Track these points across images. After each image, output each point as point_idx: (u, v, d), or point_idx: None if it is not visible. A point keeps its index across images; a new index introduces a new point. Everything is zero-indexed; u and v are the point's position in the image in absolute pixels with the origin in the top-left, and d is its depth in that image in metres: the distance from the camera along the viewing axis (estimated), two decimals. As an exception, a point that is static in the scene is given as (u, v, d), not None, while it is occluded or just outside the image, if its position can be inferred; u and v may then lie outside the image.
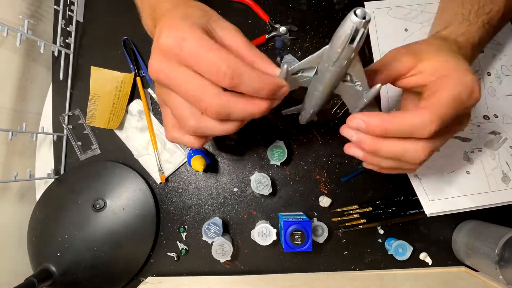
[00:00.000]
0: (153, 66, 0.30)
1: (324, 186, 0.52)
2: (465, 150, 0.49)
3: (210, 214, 0.52)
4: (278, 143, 0.50)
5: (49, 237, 0.49)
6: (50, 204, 0.51)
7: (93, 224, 0.49)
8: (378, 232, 0.52)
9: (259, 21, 0.54)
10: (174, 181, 0.53)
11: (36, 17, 0.56)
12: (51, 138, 0.53)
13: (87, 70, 0.53)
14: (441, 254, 0.52)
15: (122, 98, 0.52)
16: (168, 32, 0.28)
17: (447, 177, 0.48)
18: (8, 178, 0.49)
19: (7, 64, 0.51)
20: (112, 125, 0.52)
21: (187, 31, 0.28)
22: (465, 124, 0.33)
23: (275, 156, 0.50)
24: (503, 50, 0.53)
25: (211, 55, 0.27)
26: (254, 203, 0.52)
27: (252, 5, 0.54)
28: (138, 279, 0.51)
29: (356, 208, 0.51)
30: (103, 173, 0.51)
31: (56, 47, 0.50)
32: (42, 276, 0.45)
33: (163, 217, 0.52)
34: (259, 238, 0.47)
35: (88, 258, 0.48)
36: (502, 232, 0.43)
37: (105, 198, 0.50)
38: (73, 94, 0.54)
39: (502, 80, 0.52)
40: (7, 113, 0.51)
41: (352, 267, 0.52)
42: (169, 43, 0.28)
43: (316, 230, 0.50)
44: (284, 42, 0.54)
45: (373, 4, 0.54)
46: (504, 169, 0.48)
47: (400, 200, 0.52)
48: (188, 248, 0.51)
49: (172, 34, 0.28)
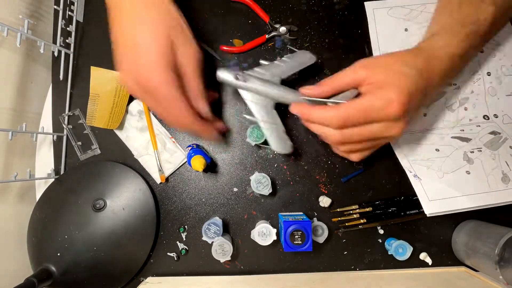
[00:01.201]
0: (124, 84, 0.41)
1: (324, 186, 0.52)
2: (465, 150, 0.49)
3: (210, 214, 0.52)
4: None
5: (49, 237, 0.49)
6: (50, 204, 0.51)
7: (93, 224, 0.49)
8: (378, 232, 0.52)
9: (259, 21, 0.54)
10: (174, 181, 0.53)
11: (36, 17, 0.56)
12: (51, 138, 0.53)
13: (87, 70, 0.53)
14: (441, 254, 0.52)
15: (122, 98, 0.52)
16: (126, 74, 0.38)
17: (446, 177, 0.48)
18: (8, 178, 0.49)
19: (7, 64, 0.51)
20: (112, 125, 0.52)
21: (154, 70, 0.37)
22: (388, 133, 0.39)
23: (252, 135, 0.50)
24: (503, 50, 0.53)
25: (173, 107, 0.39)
26: (254, 203, 0.52)
27: (252, 5, 0.54)
28: (138, 279, 0.51)
29: (356, 208, 0.51)
30: (103, 173, 0.51)
31: (56, 47, 0.50)
32: (42, 276, 0.45)
33: (163, 217, 0.52)
34: (259, 238, 0.47)
35: (88, 258, 0.48)
36: (502, 232, 0.43)
37: (105, 198, 0.50)
38: (73, 94, 0.54)
39: (502, 80, 0.52)
40: (7, 113, 0.51)
41: (352, 267, 0.52)
42: (130, 84, 0.38)
43: (316, 230, 0.50)
44: (284, 42, 0.54)
45: (373, 4, 0.54)
46: (504, 169, 0.48)
47: (400, 200, 0.52)
48: (188, 248, 0.51)
49: (130, 79, 0.38)
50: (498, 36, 0.53)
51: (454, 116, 0.52)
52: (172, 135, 0.53)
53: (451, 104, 0.52)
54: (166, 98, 0.37)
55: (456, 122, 0.51)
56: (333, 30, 0.55)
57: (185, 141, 0.53)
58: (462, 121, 0.51)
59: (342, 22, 0.55)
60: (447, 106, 0.52)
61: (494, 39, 0.53)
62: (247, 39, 0.54)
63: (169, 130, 0.53)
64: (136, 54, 0.36)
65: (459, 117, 0.51)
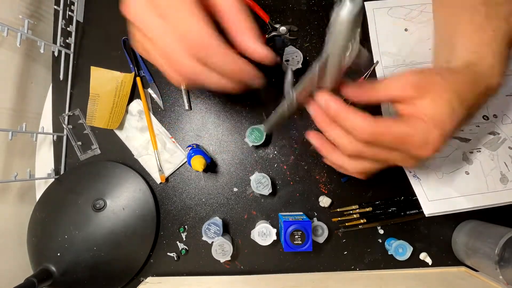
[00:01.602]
0: (131, 7, 0.29)
1: (324, 186, 0.52)
2: (464, 151, 0.49)
3: (210, 214, 0.52)
4: (260, 127, 0.50)
5: (49, 237, 0.49)
6: (50, 204, 0.51)
7: (93, 224, 0.49)
8: (378, 232, 0.52)
9: (259, 21, 0.54)
10: (174, 181, 0.53)
11: (36, 17, 0.56)
12: (51, 138, 0.53)
13: (87, 70, 0.53)
14: (441, 254, 0.52)
15: (122, 98, 0.52)
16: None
17: (446, 177, 0.48)
18: (8, 178, 0.49)
19: (7, 64, 0.51)
20: (112, 125, 0.52)
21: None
22: (403, 163, 0.35)
23: (251, 136, 0.50)
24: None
25: (186, 24, 0.26)
26: (254, 203, 0.52)
27: (252, 5, 0.54)
28: (138, 279, 0.51)
29: (356, 208, 0.51)
30: (103, 173, 0.51)
31: (56, 47, 0.50)
32: (42, 276, 0.45)
33: (163, 217, 0.52)
34: (259, 238, 0.47)
35: (88, 258, 0.48)
36: (502, 232, 0.43)
37: (105, 198, 0.50)
38: (73, 94, 0.54)
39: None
40: (7, 113, 0.51)
41: (352, 267, 0.52)
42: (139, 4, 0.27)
43: (316, 230, 0.50)
44: (284, 42, 0.54)
45: (373, 4, 0.54)
46: (502, 170, 0.48)
47: (400, 200, 0.52)
48: (188, 248, 0.51)
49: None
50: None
51: (454, 116, 0.52)
52: (172, 135, 0.53)
53: (451, 104, 0.52)
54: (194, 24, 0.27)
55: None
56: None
57: (185, 141, 0.53)
58: (462, 121, 0.51)
59: (342, 22, 0.55)
60: (447, 106, 0.52)
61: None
62: (247, 39, 0.54)
63: (169, 130, 0.53)
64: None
65: (459, 117, 0.51)
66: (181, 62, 0.28)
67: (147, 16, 0.28)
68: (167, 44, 0.28)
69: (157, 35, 0.28)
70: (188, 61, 0.28)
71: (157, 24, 0.28)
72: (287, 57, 0.51)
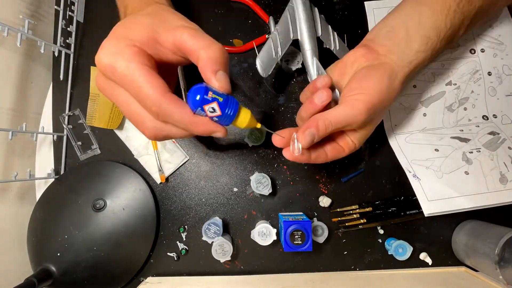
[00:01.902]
0: (97, 81, 0.33)
1: (324, 186, 0.52)
2: (464, 151, 0.49)
3: (210, 214, 0.52)
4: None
5: (49, 237, 0.49)
6: (50, 204, 0.51)
7: (93, 224, 0.49)
8: (378, 232, 0.52)
9: (259, 21, 0.55)
10: (174, 181, 0.53)
11: (37, 17, 0.56)
12: (51, 138, 0.53)
13: (87, 70, 0.53)
14: (441, 254, 0.52)
15: (122, 98, 0.52)
16: (104, 51, 0.31)
17: (445, 177, 0.48)
18: (8, 178, 0.49)
19: (7, 64, 0.51)
20: (112, 125, 0.52)
21: (119, 53, 0.30)
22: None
23: (251, 137, 0.50)
24: (504, 50, 0.53)
25: (143, 93, 0.30)
26: (254, 203, 0.52)
27: (252, 5, 0.54)
28: (138, 279, 0.51)
29: (356, 208, 0.51)
30: (103, 173, 0.51)
31: (57, 47, 0.50)
32: (42, 276, 0.45)
33: (163, 217, 0.52)
34: (259, 238, 0.47)
35: (88, 258, 0.48)
36: (502, 232, 0.43)
37: (105, 198, 0.50)
38: (73, 94, 0.54)
39: (503, 80, 0.52)
40: (7, 113, 0.51)
41: (352, 267, 0.52)
42: (105, 63, 0.30)
43: (316, 230, 0.50)
44: (284, 42, 0.54)
45: (373, 4, 0.54)
46: (502, 170, 0.48)
47: (400, 200, 0.52)
48: (188, 248, 0.51)
49: (106, 55, 0.30)
50: (500, 36, 0.53)
51: (454, 116, 0.52)
52: (172, 135, 0.53)
53: (451, 104, 0.52)
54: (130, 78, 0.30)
55: (456, 122, 0.51)
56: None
57: (185, 141, 0.53)
58: (461, 121, 0.51)
59: (342, 22, 0.55)
60: (447, 106, 0.52)
61: (496, 39, 0.53)
62: (247, 39, 0.54)
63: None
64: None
65: (459, 117, 0.52)
66: (145, 124, 0.33)
67: (109, 90, 0.33)
68: (131, 110, 0.32)
69: (121, 103, 0.33)
70: (149, 121, 0.32)
71: (118, 94, 0.32)
72: (287, 57, 0.51)
